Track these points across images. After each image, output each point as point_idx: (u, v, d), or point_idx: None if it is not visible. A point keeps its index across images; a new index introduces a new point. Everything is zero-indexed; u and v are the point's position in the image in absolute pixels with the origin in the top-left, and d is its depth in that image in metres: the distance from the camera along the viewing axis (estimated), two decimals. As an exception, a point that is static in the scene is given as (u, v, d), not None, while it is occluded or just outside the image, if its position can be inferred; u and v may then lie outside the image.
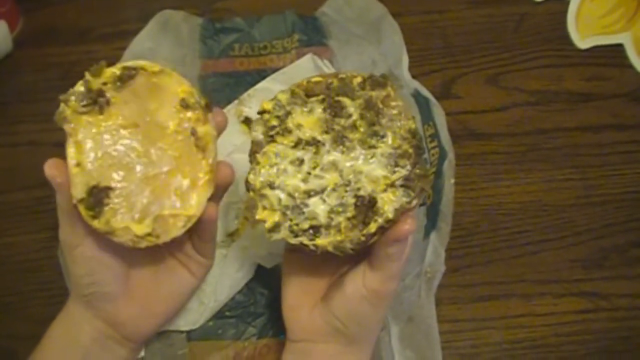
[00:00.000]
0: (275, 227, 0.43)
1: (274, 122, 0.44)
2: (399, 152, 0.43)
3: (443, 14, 0.73)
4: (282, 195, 0.43)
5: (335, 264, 0.47)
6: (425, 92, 0.63)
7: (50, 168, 0.42)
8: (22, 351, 0.57)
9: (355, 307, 0.44)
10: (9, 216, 0.63)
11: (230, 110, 0.63)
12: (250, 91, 0.63)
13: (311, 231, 0.43)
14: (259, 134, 0.45)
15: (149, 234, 0.43)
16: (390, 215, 0.42)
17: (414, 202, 0.42)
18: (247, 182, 0.44)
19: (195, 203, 0.44)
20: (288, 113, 0.44)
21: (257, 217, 0.44)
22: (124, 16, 0.73)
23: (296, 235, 0.43)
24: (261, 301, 0.57)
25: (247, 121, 0.62)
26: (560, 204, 0.62)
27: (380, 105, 0.43)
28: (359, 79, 0.44)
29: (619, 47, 0.70)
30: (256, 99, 0.63)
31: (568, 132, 0.66)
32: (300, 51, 0.66)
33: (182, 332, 0.55)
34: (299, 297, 0.48)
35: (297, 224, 0.43)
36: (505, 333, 0.57)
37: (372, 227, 0.42)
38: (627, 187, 0.63)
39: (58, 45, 0.72)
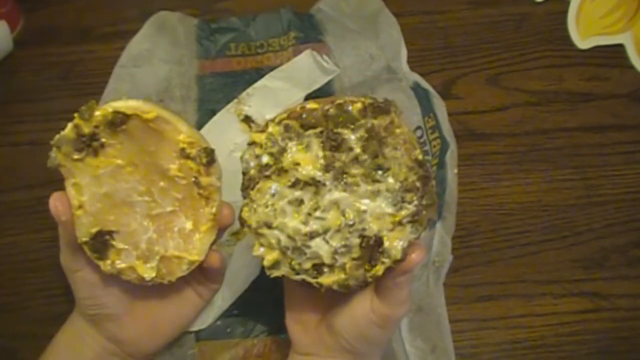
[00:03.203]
0: (275, 264, 0.42)
1: (268, 161, 0.41)
2: (406, 186, 0.40)
3: (443, 14, 0.73)
4: (282, 237, 0.41)
5: None
6: (425, 84, 0.63)
7: (55, 201, 0.42)
8: (22, 350, 0.57)
9: (364, 329, 0.43)
10: (9, 216, 0.63)
11: (230, 109, 0.63)
12: (250, 90, 0.63)
13: (314, 270, 0.41)
14: (250, 167, 0.41)
15: (154, 276, 0.43)
16: (399, 256, 0.40)
17: (423, 234, 0.40)
18: (241, 217, 0.42)
19: (198, 249, 0.44)
20: (282, 150, 0.40)
21: (254, 253, 0.42)
22: (124, 16, 0.73)
23: (298, 273, 0.41)
24: (269, 298, 0.56)
25: (247, 120, 0.62)
26: (560, 204, 0.62)
27: (384, 134, 0.40)
28: (359, 105, 0.40)
29: (620, 47, 0.70)
30: (255, 98, 0.63)
31: (568, 132, 0.66)
32: (297, 49, 0.66)
33: (190, 332, 0.55)
34: (303, 310, 0.47)
35: (298, 263, 0.41)
36: (506, 333, 0.57)
37: (379, 270, 0.40)
38: (628, 188, 0.63)
39: (58, 45, 0.72)
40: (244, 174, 0.42)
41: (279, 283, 0.51)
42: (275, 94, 0.62)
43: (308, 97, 0.63)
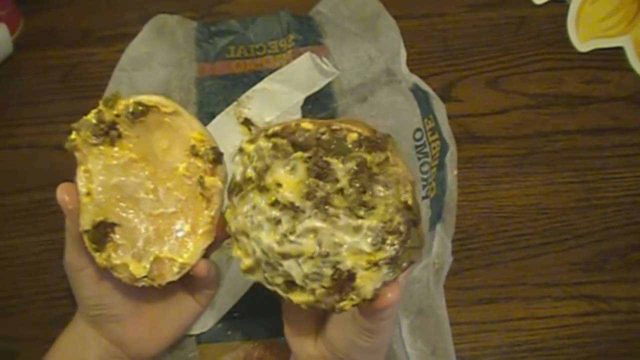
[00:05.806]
0: (250, 270, 0.41)
1: (252, 175, 0.40)
2: (389, 228, 0.37)
3: (443, 17, 0.73)
4: (257, 249, 0.40)
5: None
6: (424, 86, 0.63)
7: (62, 193, 0.42)
8: (22, 353, 0.57)
9: (353, 338, 0.42)
10: (9, 218, 0.63)
11: (230, 112, 0.63)
12: (249, 92, 0.63)
13: (285, 285, 0.40)
14: (237, 175, 0.41)
15: (145, 276, 0.43)
16: (369, 296, 0.38)
17: (401, 275, 0.39)
18: (224, 218, 0.42)
19: (191, 252, 0.44)
20: (267, 167, 0.39)
21: (233, 254, 0.42)
22: (124, 19, 0.73)
23: (270, 284, 0.41)
24: (269, 300, 0.56)
25: (246, 122, 0.62)
26: (560, 207, 0.62)
27: (376, 170, 0.37)
28: (354, 136, 0.38)
29: (619, 50, 0.70)
30: (255, 100, 0.63)
31: (568, 135, 0.66)
32: (296, 51, 0.66)
33: (191, 335, 0.55)
34: (300, 323, 0.47)
35: (271, 276, 0.40)
36: (506, 336, 0.57)
37: (347, 305, 0.38)
38: (627, 190, 0.63)
39: (58, 47, 0.72)
40: (233, 177, 0.42)
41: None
42: (275, 96, 0.63)
43: (308, 99, 0.63)
